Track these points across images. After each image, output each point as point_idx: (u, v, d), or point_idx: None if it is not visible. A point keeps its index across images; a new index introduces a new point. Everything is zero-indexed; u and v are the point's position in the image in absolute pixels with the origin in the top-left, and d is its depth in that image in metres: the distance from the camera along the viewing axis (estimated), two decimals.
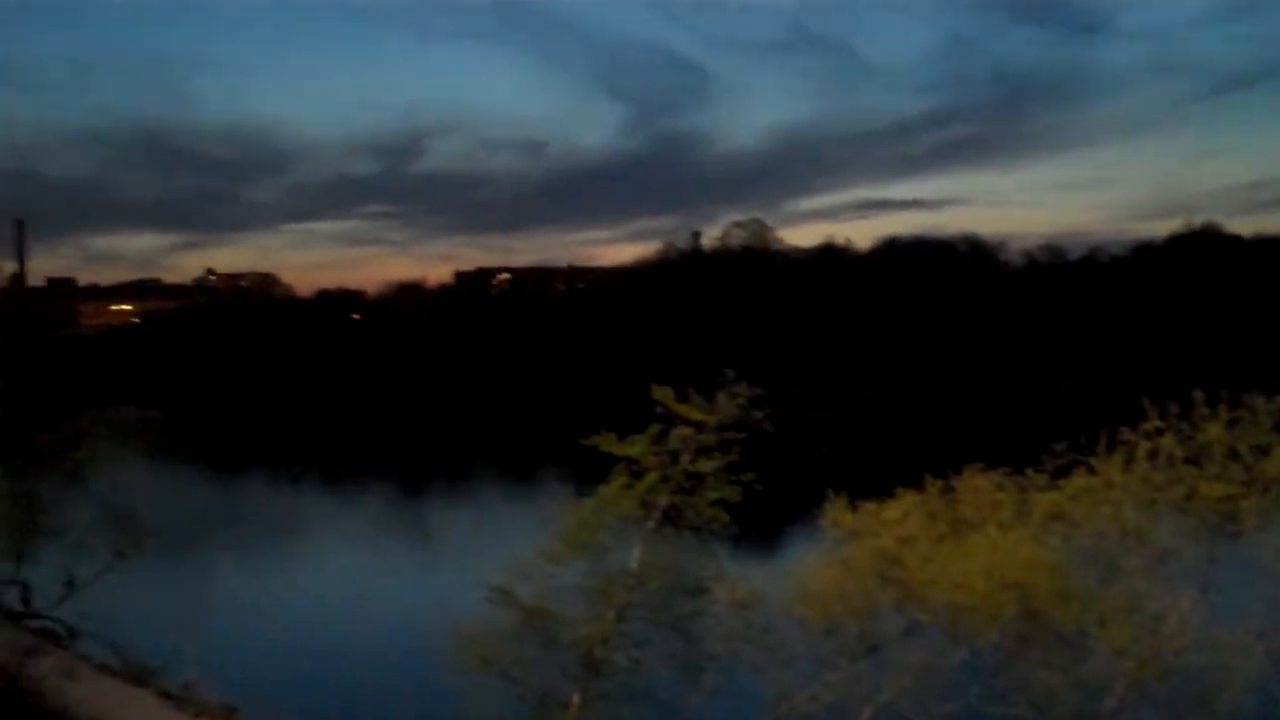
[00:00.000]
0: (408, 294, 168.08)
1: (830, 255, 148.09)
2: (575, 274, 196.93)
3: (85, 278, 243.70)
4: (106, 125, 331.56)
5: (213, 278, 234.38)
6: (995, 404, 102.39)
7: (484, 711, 21.67)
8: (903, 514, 20.88)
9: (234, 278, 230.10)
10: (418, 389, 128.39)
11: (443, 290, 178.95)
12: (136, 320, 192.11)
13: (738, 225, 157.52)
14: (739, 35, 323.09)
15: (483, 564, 25.96)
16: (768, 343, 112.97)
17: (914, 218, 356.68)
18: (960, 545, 19.99)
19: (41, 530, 39.46)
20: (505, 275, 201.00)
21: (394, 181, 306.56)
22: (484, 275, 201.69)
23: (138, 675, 31.59)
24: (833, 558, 21.63)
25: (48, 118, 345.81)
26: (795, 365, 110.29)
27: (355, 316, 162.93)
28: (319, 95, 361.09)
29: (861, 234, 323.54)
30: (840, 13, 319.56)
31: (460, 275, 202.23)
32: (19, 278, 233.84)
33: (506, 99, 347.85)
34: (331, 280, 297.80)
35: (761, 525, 32.77)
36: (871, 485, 22.43)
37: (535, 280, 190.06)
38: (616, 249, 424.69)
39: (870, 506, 21.40)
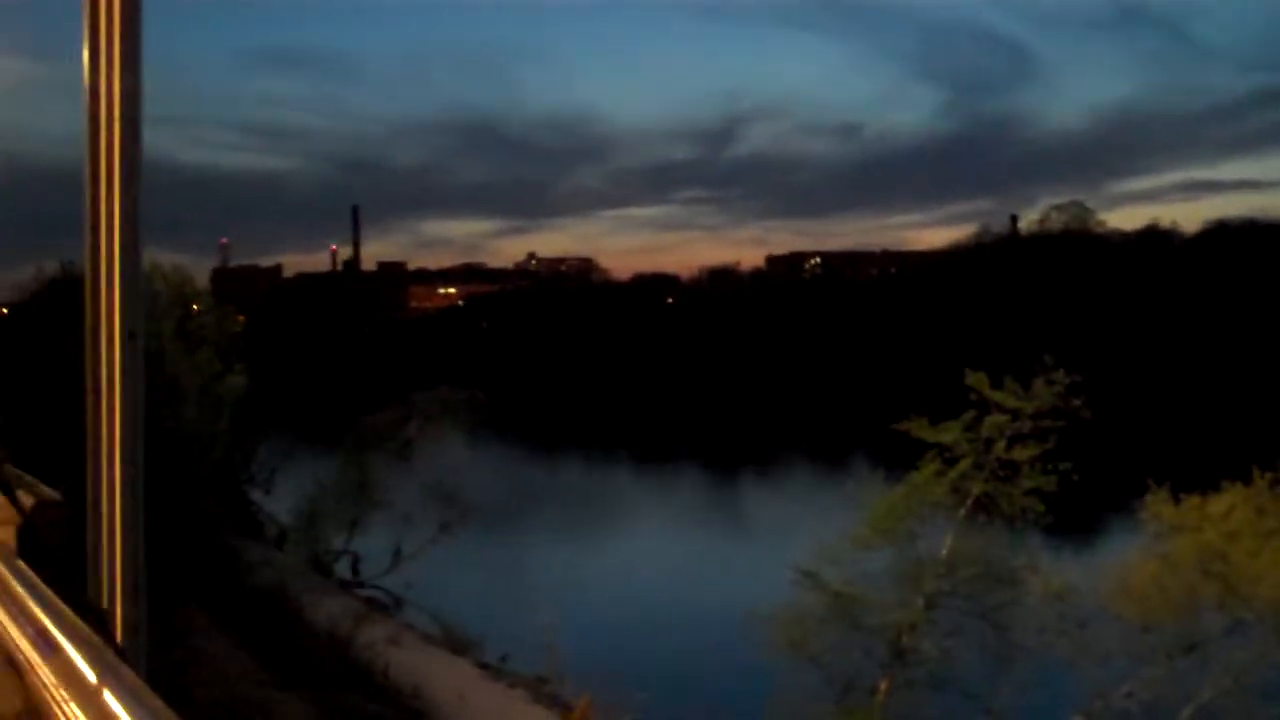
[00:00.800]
0: (721, 278, 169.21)
1: (1154, 238, 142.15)
2: (889, 258, 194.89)
3: (415, 262, 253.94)
4: (440, 116, 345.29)
5: (534, 262, 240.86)
6: None
7: (793, 693, 21.79)
8: (1229, 508, 20.08)
9: (554, 262, 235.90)
10: (730, 372, 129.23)
11: (755, 274, 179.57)
12: (461, 303, 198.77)
13: (1057, 208, 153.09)
14: (1062, 12, 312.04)
15: (792, 547, 26.02)
16: (1087, 328, 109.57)
17: (1244, 199, 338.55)
18: None
19: (372, 504, 41.41)
20: (817, 259, 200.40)
21: (709, 167, 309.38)
22: (797, 259, 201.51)
23: (457, 645, 32.71)
24: (1153, 552, 20.96)
25: (387, 110, 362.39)
26: (1116, 351, 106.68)
27: (669, 300, 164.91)
28: (639, 82, 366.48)
29: (1188, 216, 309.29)
30: None
31: (772, 259, 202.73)
32: (354, 262, 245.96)
33: (823, 83, 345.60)
34: (646, 264, 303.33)
35: (1078, 515, 31.89)
36: (1195, 478, 21.60)
37: (848, 264, 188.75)
38: (931, 232, 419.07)
39: (1194, 500, 20.64)
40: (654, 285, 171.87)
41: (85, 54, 5.04)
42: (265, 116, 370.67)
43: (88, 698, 2.80)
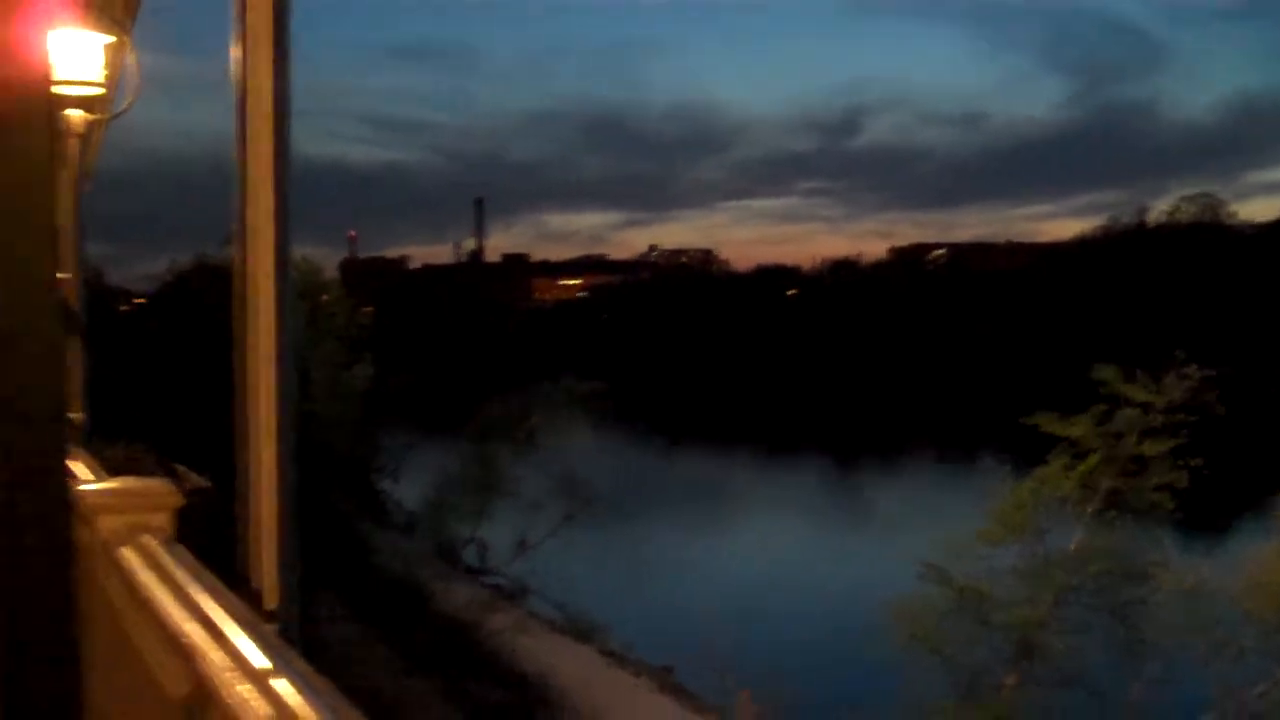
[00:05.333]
0: (842, 270, 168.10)
1: None
2: (1015, 249, 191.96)
3: (538, 254, 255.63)
4: (563, 109, 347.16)
5: (655, 254, 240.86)
6: None
7: (916, 688, 21.68)
8: None
9: (675, 254, 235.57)
10: (852, 364, 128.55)
11: (878, 266, 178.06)
12: (584, 295, 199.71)
13: (1187, 199, 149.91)
14: (1192, 1, 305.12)
15: (916, 541, 25.86)
16: (1220, 322, 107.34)
17: None
18: None
19: (497, 492, 41.77)
20: (941, 251, 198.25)
21: (831, 158, 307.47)
22: (920, 251, 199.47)
23: (582, 632, 32.91)
24: None
25: (510, 104, 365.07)
26: (1250, 345, 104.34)
27: (790, 292, 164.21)
28: (761, 74, 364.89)
29: None
30: None
31: (896, 251, 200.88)
32: (478, 254, 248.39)
33: (947, 73, 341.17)
34: (767, 256, 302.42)
35: (1211, 511, 31.31)
36: None
37: (973, 256, 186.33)
38: (1059, 224, 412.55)
39: None
40: (775, 277, 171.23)
41: (235, 50, 5.19)
42: (391, 110, 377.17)
43: (257, 681, 2.90)
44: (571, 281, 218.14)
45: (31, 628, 2.78)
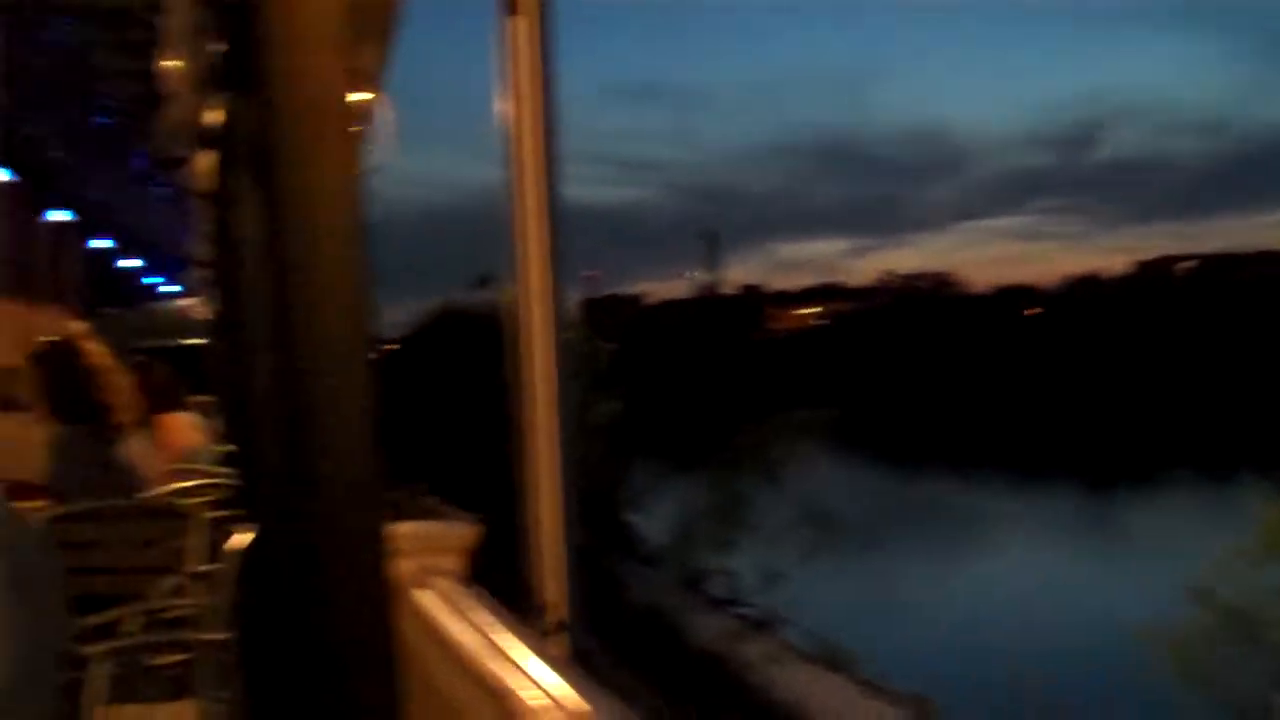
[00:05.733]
0: (1085, 286, 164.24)
1: None
2: (1265, 258, 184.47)
3: (773, 284, 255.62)
4: (793, 140, 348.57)
5: (890, 278, 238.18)
6: None
7: (1186, 715, 21.10)
8: None
9: (911, 278, 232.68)
10: (1100, 382, 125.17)
11: (1123, 281, 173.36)
12: (821, 323, 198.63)
13: None
14: None
15: (1175, 564, 25.17)
16: None
17: None
18: None
19: (741, 523, 41.81)
20: (1189, 263, 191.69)
21: (1067, 173, 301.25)
22: (1166, 264, 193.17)
23: (834, 662, 32.54)
24: None
25: (740, 137, 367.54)
26: None
27: (1031, 312, 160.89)
28: (992, 92, 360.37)
29: None
30: None
31: (1141, 264, 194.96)
32: (712, 286, 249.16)
33: (1185, 80, 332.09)
34: (1004, 276, 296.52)
35: None
36: None
37: (1223, 267, 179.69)
38: None
39: None
40: (1014, 297, 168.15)
41: (503, 104, 5.42)
42: (622, 149, 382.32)
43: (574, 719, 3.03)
44: (808, 310, 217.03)
45: (357, 678, 2.98)
